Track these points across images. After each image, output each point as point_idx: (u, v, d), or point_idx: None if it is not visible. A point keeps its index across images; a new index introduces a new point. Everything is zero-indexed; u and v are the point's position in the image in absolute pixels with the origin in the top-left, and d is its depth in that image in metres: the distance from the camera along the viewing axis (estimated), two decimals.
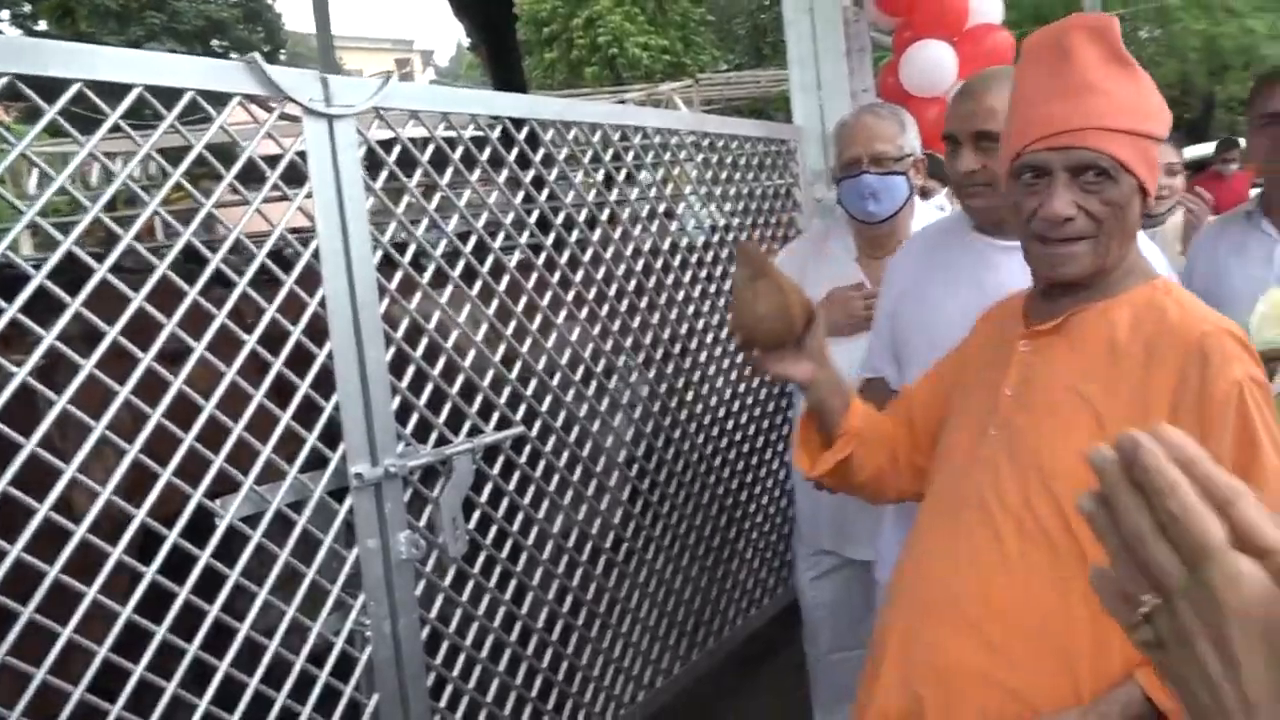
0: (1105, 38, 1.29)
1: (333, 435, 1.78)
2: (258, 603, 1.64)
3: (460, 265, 2.06)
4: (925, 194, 2.82)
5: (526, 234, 2.28)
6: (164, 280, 1.53)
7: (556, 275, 2.32)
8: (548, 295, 2.28)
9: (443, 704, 1.99)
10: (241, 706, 1.61)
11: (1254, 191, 2.48)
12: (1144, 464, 0.48)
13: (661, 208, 2.73)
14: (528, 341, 2.22)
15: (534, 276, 2.25)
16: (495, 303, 2.13)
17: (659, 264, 2.67)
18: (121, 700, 1.45)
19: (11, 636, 1.33)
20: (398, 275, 1.90)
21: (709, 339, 2.89)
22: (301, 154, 1.73)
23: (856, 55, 3.41)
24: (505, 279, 2.17)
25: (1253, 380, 1.24)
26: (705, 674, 2.87)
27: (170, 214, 1.62)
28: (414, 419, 1.92)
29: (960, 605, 1.31)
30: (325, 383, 1.76)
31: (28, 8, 17.59)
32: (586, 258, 2.40)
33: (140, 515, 1.47)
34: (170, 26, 20.58)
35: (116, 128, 1.49)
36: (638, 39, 18.15)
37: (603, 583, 2.47)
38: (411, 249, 1.95)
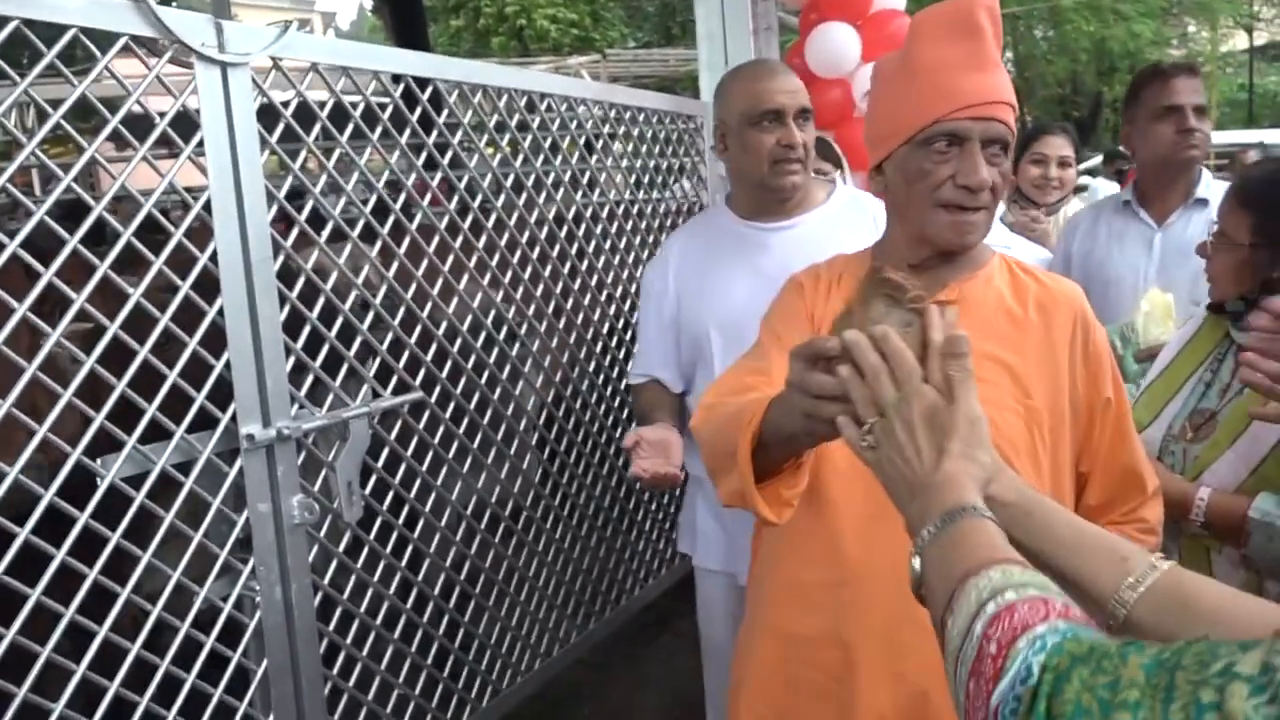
0: (995, 20, 1.35)
1: (224, 395, 1.72)
2: (140, 566, 1.58)
3: (359, 225, 2.02)
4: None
5: (428, 197, 2.24)
6: (43, 229, 1.46)
7: (459, 240, 2.29)
8: (449, 259, 2.25)
9: (335, 671, 1.96)
10: (121, 673, 1.56)
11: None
12: (887, 342, 0.96)
13: (567, 176, 2.71)
14: (428, 305, 2.18)
15: (435, 239, 2.21)
16: (395, 265, 2.10)
17: (563, 233, 2.66)
18: None
19: None
20: (294, 232, 1.85)
21: (611, 310, 2.89)
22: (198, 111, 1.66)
23: (763, 34, 3.43)
24: (406, 241, 2.13)
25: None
26: (600, 643, 2.89)
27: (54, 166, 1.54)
28: (309, 381, 1.87)
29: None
30: (217, 341, 1.70)
31: None
32: (490, 224, 2.37)
33: (13, 473, 1.40)
34: None
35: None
36: (546, 11, 17.95)
37: (501, 551, 2.46)
38: (309, 206, 1.90)
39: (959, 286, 1.41)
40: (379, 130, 2.07)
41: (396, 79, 2.07)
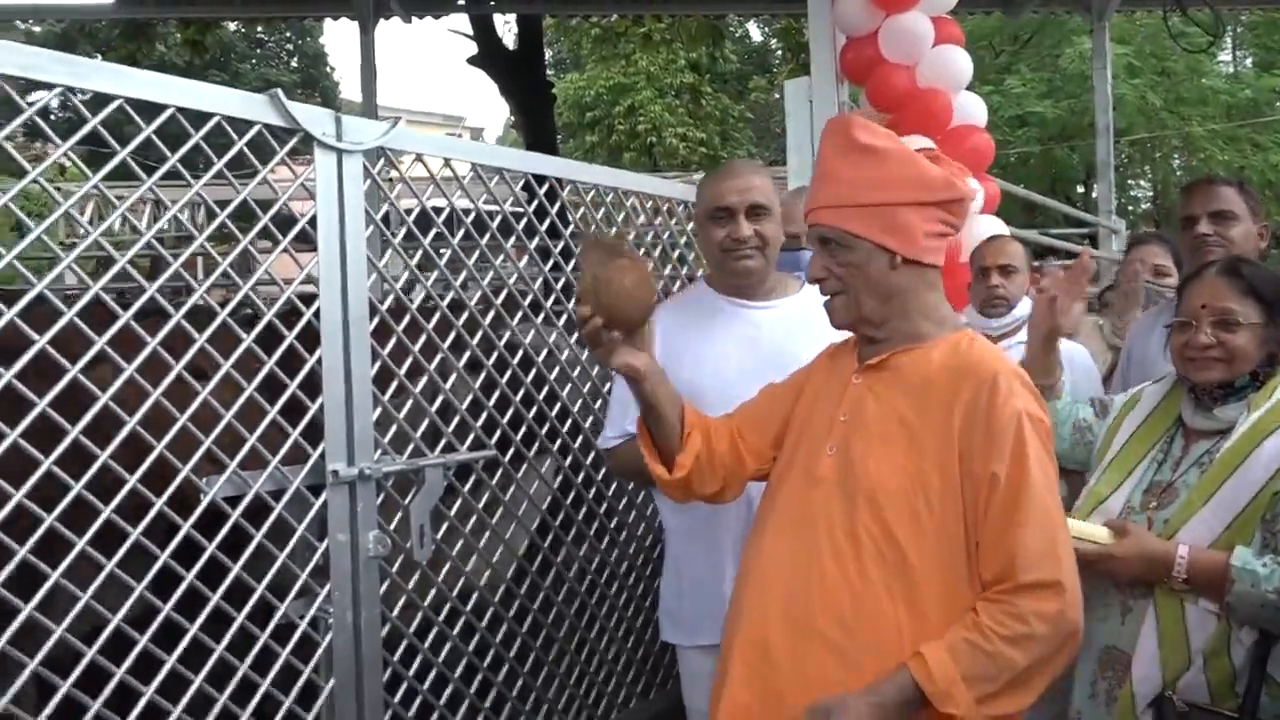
0: (842, 133, 1.59)
1: (315, 436, 1.97)
2: (229, 577, 1.81)
3: (449, 296, 2.27)
4: None
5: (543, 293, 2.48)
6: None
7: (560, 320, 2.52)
8: (530, 334, 2.48)
9: (397, 700, 2.13)
10: (205, 670, 1.77)
11: None
12: None
13: (667, 270, 2.94)
14: (507, 374, 2.41)
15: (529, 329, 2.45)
16: (479, 335, 2.33)
17: None
18: (96, 646, 1.62)
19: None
20: (389, 299, 2.11)
21: None
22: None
23: None
24: (491, 315, 2.37)
25: (1029, 415, 1.49)
26: (660, 712, 2.97)
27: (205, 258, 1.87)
28: (392, 430, 2.10)
29: (817, 623, 1.50)
30: (313, 386, 1.96)
31: (99, 59, 18.59)
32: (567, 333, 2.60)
33: (133, 481, 1.66)
34: (231, 86, 21.40)
35: (171, 174, 1.74)
36: (676, 129, 18.78)
37: (564, 610, 2.61)
38: (404, 276, 2.16)
39: (891, 356, 1.60)
40: (472, 218, 2.34)
41: (522, 176, 2.35)
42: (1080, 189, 17.88)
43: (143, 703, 1.68)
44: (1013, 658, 1.39)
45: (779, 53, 20.64)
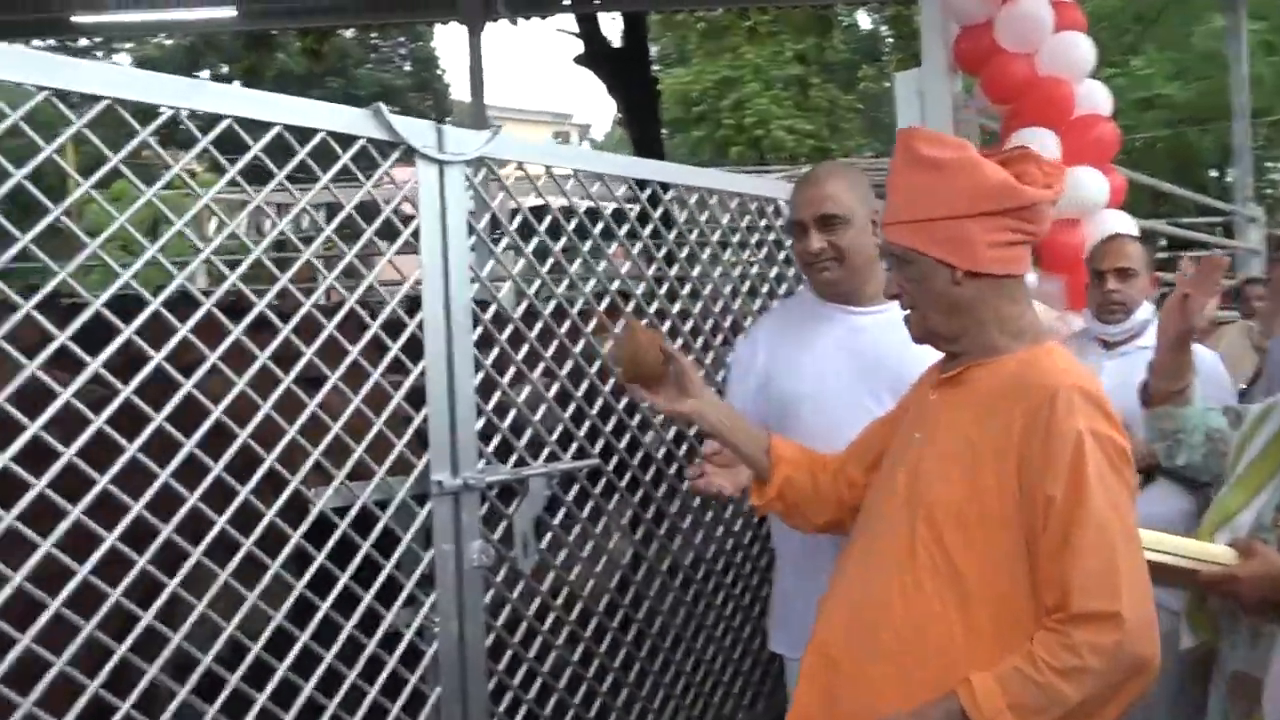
0: (906, 147, 1.55)
1: (420, 446, 1.98)
2: (338, 586, 1.83)
3: (551, 305, 2.26)
4: None
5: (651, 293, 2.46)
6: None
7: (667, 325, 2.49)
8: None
9: (502, 709, 2.13)
10: (315, 677, 1.80)
11: None
12: None
13: (774, 273, 2.88)
14: (610, 381, 2.38)
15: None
16: (582, 343, 2.32)
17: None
18: (211, 654, 1.66)
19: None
20: (492, 308, 2.11)
21: None
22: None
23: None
24: (593, 322, 2.35)
25: (1094, 433, 1.41)
26: None
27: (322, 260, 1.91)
28: (496, 440, 2.10)
29: (878, 633, 1.49)
30: (416, 396, 1.97)
31: (225, 69, 19.47)
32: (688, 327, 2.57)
33: (245, 492, 1.69)
34: (349, 92, 22.11)
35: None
36: (784, 122, 18.60)
37: (669, 619, 2.58)
38: (507, 286, 2.16)
39: (966, 369, 1.56)
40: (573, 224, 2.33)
41: (624, 180, 2.34)
42: (1213, 174, 17.01)
43: (256, 708, 1.72)
44: (1064, 691, 1.33)
45: (889, 40, 20.23)
